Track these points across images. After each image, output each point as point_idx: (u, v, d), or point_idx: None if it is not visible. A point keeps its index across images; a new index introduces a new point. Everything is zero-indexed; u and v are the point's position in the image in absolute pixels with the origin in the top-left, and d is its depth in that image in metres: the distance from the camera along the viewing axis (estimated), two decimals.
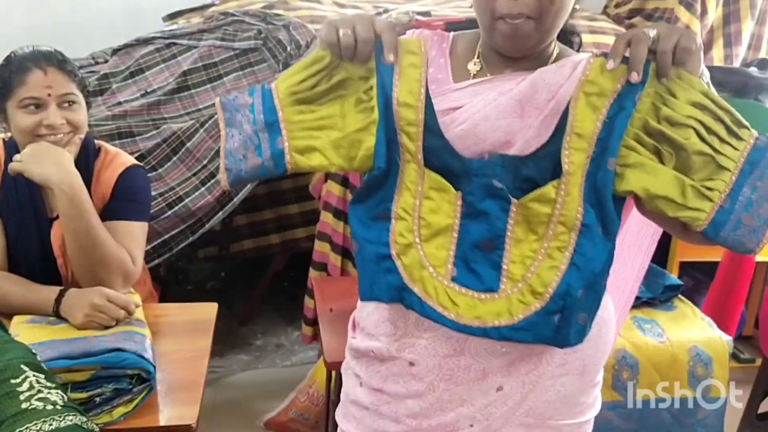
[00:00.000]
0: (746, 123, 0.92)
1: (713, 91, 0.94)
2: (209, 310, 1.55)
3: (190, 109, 2.58)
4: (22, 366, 0.93)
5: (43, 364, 0.96)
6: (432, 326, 1.07)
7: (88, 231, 1.44)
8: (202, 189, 2.38)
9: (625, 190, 0.95)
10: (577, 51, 1.15)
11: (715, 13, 2.86)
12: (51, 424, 0.87)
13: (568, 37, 1.15)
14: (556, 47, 1.11)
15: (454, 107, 1.05)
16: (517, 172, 0.99)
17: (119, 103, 2.57)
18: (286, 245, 3.03)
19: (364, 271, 1.03)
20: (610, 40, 2.86)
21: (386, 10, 2.67)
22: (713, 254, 2.73)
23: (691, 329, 1.76)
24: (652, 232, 1.29)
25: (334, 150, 1.00)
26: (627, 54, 0.93)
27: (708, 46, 2.93)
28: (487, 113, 1.02)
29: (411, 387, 1.09)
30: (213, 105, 2.53)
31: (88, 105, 1.58)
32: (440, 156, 1.00)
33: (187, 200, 2.35)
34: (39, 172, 1.41)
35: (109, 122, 2.47)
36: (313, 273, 2.30)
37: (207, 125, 2.44)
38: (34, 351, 1.04)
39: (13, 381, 0.91)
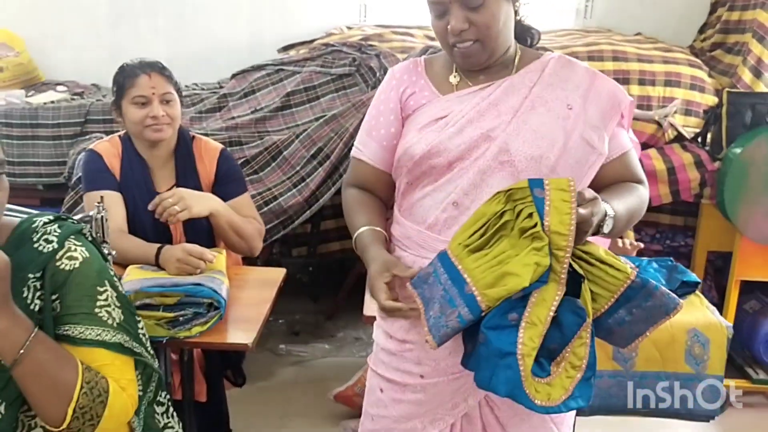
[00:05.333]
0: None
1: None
2: (277, 273, 1.91)
3: (290, 124, 2.99)
4: (107, 280, 1.18)
5: (118, 285, 1.22)
6: None
7: (237, 227, 1.89)
8: (294, 190, 2.78)
9: None
10: (536, 43, 1.37)
11: None
12: (101, 335, 1.13)
13: (525, 34, 1.37)
14: (517, 49, 1.33)
15: (442, 116, 1.29)
16: None
17: (233, 118, 3.03)
18: None
19: (487, 362, 1.11)
20: (682, 69, 3.02)
21: None
22: None
23: (693, 314, 1.86)
24: None
25: (523, 267, 1.09)
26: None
27: None
28: (471, 116, 1.27)
29: None
30: (308, 121, 2.95)
31: (182, 103, 1.97)
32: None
33: (280, 199, 2.76)
34: (200, 209, 1.80)
35: (222, 132, 2.92)
36: None
37: (301, 137, 2.85)
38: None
39: (98, 288, 1.17)
